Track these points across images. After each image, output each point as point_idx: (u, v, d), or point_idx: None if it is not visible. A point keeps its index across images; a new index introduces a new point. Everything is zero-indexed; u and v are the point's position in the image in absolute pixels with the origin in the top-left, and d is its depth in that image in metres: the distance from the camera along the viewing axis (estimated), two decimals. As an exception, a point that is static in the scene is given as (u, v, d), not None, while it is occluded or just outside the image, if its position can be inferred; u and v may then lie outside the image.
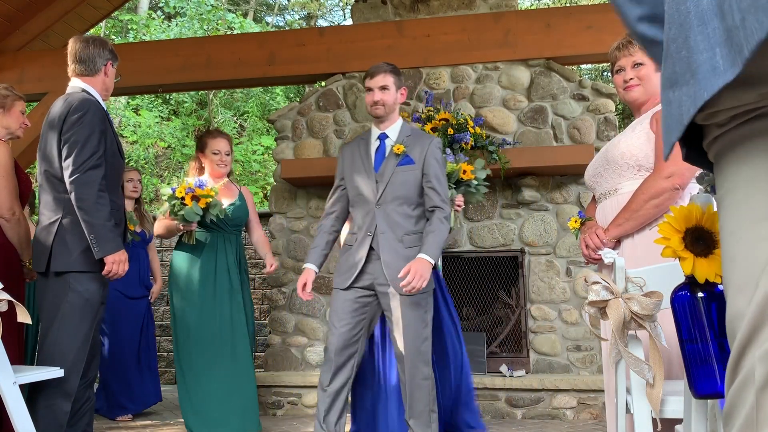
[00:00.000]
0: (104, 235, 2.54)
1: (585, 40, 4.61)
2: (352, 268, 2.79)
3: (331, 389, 2.77)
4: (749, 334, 0.61)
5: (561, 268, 4.52)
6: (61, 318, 2.53)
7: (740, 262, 0.65)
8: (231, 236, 3.70)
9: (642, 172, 2.18)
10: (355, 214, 2.87)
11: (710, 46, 0.60)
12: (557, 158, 4.28)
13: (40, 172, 2.67)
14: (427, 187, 2.77)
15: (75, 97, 2.64)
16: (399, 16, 5.01)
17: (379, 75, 2.81)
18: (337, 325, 2.78)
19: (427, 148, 2.80)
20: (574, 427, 3.95)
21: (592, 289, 1.49)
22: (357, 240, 2.81)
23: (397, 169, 2.79)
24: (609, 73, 13.42)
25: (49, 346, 2.52)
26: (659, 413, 1.48)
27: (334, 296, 2.86)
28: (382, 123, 2.87)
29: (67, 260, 2.55)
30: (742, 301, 0.63)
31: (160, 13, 13.00)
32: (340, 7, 15.57)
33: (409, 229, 2.77)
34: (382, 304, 2.79)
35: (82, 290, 2.56)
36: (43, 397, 2.47)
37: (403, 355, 2.73)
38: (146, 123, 10.79)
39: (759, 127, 0.65)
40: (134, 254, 4.37)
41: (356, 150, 2.90)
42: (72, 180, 2.52)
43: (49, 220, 2.59)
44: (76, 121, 2.55)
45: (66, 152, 2.55)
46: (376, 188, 2.78)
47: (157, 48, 5.54)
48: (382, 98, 2.79)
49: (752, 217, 0.64)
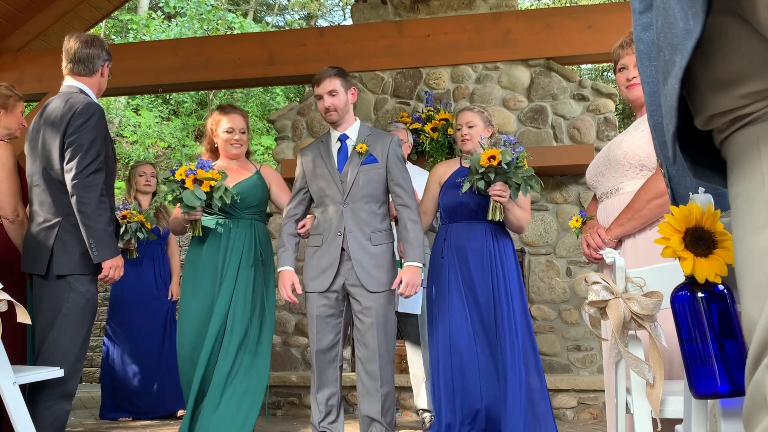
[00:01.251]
0: (104, 240, 2.54)
1: (585, 40, 4.61)
2: (327, 270, 2.76)
3: (321, 397, 2.77)
4: (761, 347, 0.62)
5: (561, 268, 4.52)
6: (62, 319, 2.53)
7: (748, 271, 0.65)
8: (245, 222, 3.10)
9: (644, 171, 2.18)
10: (320, 214, 2.85)
11: (683, 13, 0.60)
12: (557, 158, 4.28)
13: (35, 172, 2.64)
14: (393, 185, 2.82)
15: (78, 98, 2.62)
16: (399, 16, 5.01)
17: (324, 81, 2.83)
18: (318, 332, 2.77)
19: (389, 146, 2.84)
20: (574, 427, 3.95)
21: (592, 289, 1.49)
22: (325, 240, 2.79)
23: (361, 168, 2.81)
24: (609, 73, 13.38)
25: (50, 347, 2.52)
26: (659, 413, 1.48)
27: (310, 301, 2.81)
28: (339, 126, 2.89)
29: (69, 263, 2.55)
30: (753, 309, 0.64)
31: (160, 13, 13.00)
32: (340, 7, 15.57)
33: (376, 227, 2.79)
34: (353, 304, 2.79)
35: (83, 291, 2.57)
36: (44, 398, 2.47)
37: (377, 355, 2.72)
38: (146, 123, 10.80)
39: (750, 132, 0.65)
40: (149, 252, 4.31)
41: (316, 152, 2.90)
42: (74, 183, 2.51)
43: (48, 222, 2.58)
44: (81, 124, 2.55)
45: (69, 155, 2.54)
46: (342, 188, 2.79)
47: (157, 48, 5.54)
48: (332, 103, 2.82)
49: (753, 225, 0.64)
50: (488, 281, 2.97)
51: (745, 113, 0.64)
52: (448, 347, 2.95)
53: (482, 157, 2.83)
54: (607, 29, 4.49)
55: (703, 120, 0.69)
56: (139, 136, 10.69)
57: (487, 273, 2.98)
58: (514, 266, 3.06)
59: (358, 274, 2.72)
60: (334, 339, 2.78)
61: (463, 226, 3.06)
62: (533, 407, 2.90)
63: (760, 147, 0.64)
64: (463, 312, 2.97)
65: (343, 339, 2.85)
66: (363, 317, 2.74)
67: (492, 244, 3.01)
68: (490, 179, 2.85)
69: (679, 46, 0.61)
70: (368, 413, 2.75)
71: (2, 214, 2.78)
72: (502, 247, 3.04)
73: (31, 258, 2.60)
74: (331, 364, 2.78)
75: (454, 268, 3.02)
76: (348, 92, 2.87)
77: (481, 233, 3.03)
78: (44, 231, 2.58)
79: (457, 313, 2.97)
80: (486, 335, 2.94)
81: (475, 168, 2.85)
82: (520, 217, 3.02)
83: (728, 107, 0.65)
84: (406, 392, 4.07)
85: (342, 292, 2.78)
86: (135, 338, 4.22)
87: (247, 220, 3.11)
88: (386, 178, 2.83)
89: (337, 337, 2.79)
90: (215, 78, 5.19)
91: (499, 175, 2.85)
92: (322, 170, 2.85)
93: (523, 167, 2.90)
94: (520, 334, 2.93)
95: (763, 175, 0.63)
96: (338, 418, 2.81)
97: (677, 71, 0.62)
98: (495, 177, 2.84)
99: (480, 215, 3.02)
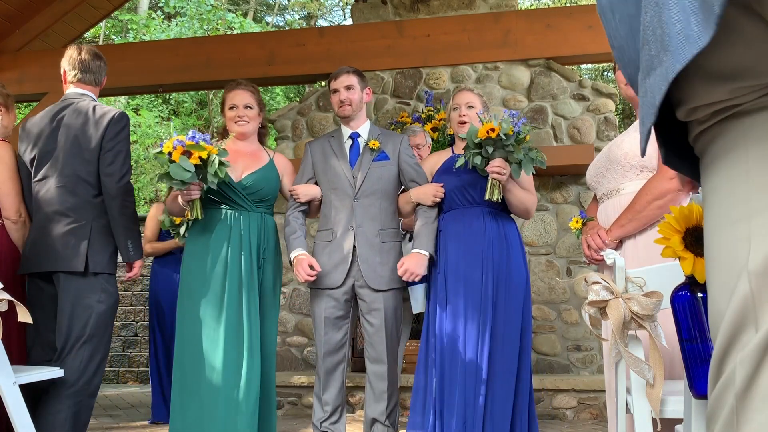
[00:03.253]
0: (139, 242, 2.75)
1: (585, 40, 4.61)
2: (340, 265, 2.73)
3: (327, 398, 2.77)
4: (730, 336, 0.61)
5: (561, 268, 4.52)
6: (96, 318, 2.61)
7: (720, 262, 0.64)
8: (253, 215, 2.78)
9: (645, 172, 2.17)
10: (328, 210, 2.83)
11: (685, 16, 0.58)
12: (557, 158, 4.28)
13: (54, 174, 2.67)
14: (409, 181, 2.82)
15: (108, 108, 2.75)
16: (399, 16, 5.01)
17: (342, 75, 2.87)
18: (325, 333, 2.75)
19: (399, 145, 2.85)
20: (574, 427, 3.95)
21: (592, 289, 1.49)
22: (336, 235, 2.77)
23: (373, 164, 2.81)
24: (609, 73, 13.32)
25: (82, 347, 2.58)
26: (659, 413, 1.48)
27: (318, 301, 2.76)
28: (351, 122, 2.89)
29: (102, 261, 2.66)
30: (722, 302, 0.63)
31: (160, 13, 12.99)
32: (340, 7, 15.57)
33: (386, 224, 2.79)
34: (360, 305, 2.78)
35: (112, 291, 2.69)
36: (72, 397, 2.53)
37: (384, 356, 2.72)
38: (146, 123, 10.79)
39: (735, 124, 0.64)
40: None
41: (327, 146, 2.89)
42: (119, 187, 2.66)
43: (79, 222, 2.65)
44: (120, 131, 2.70)
45: (110, 159, 2.66)
46: (353, 183, 2.79)
47: (157, 48, 5.54)
48: (348, 97, 2.83)
49: (731, 218, 0.63)
50: (489, 269, 2.64)
51: (732, 105, 0.63)
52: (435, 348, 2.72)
53: (480, 129, 2.55)
54: (607, 29, 4.49)
55: (686, 111, 0.68)
56: (139, 136, 10.69)
57: (489, 261, 2.64)
58: (521, 252, 2.75)
59: (363, 271, 2.72)
60: (342, 340, 2.78)
61: (458, 212, 2.74)
62: (520, 409, 2.67)
63: (747, 139, 0.63)
64: (456, 312, 2.69)
65: (350, 340, 2.86)
66: (371, 318, 2.74)
67: (492, 227, 2.68)
68: (489, 153, 2.54)
69: (671, 48, 0.59)
70: (373, 414, 2.77)
71: (5, 215, 2.78)
72: (504, 230, 2.70)
73: (62, 256, 2.61)
74: (338, 365, 2.77)
75: (451, 261, 2.70)
76: (363, 91, 2.89)
77: (479, 217, 2.69)
78: (77, 230, 2.64)
79: (449, 313, 2.71)
80: (481, 329, 2.63)
81: (471, 141, 2.56)
82: (523, 199, 2.69)
83: (717, 99, 0.64)
84: (407, 392, 4.07)
85: (351, 292, 2.77)
86: (165, 338, 4.19)
87: (257, 213, 2.80)
88: (397, 176, 2.84)
89: (345, 338, 2.79)
90: (215, 78, 5.19)
91: (498, 150, 2.55)
92: (334, 164, 2.84)
93: (525, 141, 2.59)
94: (518, 329, 2.66)
95: (748, 167, 0.62)
96: (341, 418, 2.81)
97: (666, 73, 0.60)
98: (493, 152, 2.55)
99: (477, 198, 2.70)
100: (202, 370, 2.62)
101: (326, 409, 2.76)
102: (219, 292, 2.66)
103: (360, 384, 4.26)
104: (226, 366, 2.61)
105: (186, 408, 2.61)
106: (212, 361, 2.62)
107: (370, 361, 2.77)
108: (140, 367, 6.62)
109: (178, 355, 2.71)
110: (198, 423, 2.59)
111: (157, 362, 4.21)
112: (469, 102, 2.80)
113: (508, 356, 2.61)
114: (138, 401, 5.21)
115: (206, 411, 2.58)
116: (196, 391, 2.61)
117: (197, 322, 2.66)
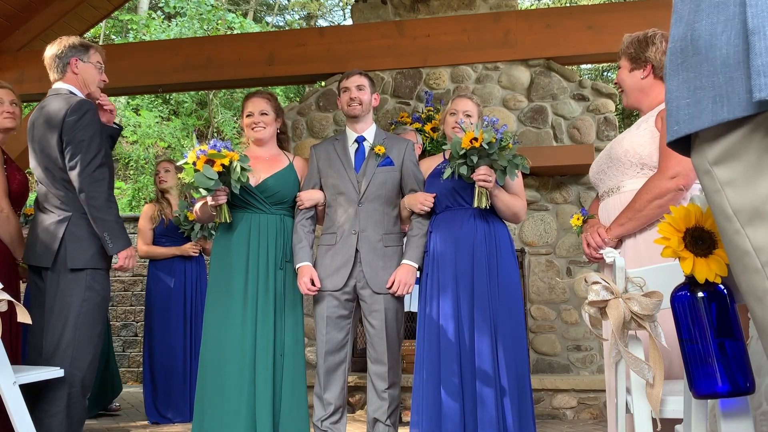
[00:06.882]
0: (118, 232, 2.59)
1: (585, 40, 4.61)
2: (341, 268, 2.76)
3: (328, 397, 2.77)
4: None
5: (561, 268, 4.52)
6: (79, 317, 2.54)
7: None
8: (272, 217, 2.86)
9: (645, 170, 2.17)
10: (333, 213, 2.84)
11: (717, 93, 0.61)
12: (557, 158, 4.29)
13: (38, 172, 2.66)
14: (408, 190, 2.85)
15: (71, 98, 2.64)
16: (399, 16, 5.01)
17: (354, 76, 2.89)
18: (327, 333, 2.76)
19: (404, 151, 2.86)
20: (574, 427, 3.95)
21: (592, 289, 1.49)
22: (339, 238, 2.79)
23: (378, 170, 2.82)
24: (609, 72, 13.33)
25: (68, 346, 2.53)
26: (659, 413, 1.48)
27: (321, 301, 2.79)
28: (358, 124, 2.89)
29: (84, 257, 2.57)
30: None
31: (160, 13, 13.00)
32: (340, 7, 15.57)
33: (389, 229, 2.81)
34: (362, 306, 2.79)
35: (99, 288, 2.60)
36: (64, 396, 2.50)
37: (386, 357, 2.73)
38: (146, 123, 10.79)
39: None
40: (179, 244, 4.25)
41: (332, 150, 2.90)
42: (82, 179, 2.54)
43: (58, 217, 2.60)
44: (76, 121, 2.56)
45: (71, 152, 2.56)
46: (358, 187, 2.80)
47: (157, 48, 5.54)
48: (358, 95, 2.83)
49: None
50: (479, 269, 2.67)
51: None
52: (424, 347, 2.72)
53: (463, 139, 2.59)
54: (607, 29, 4.49)
55: None
56: (139, 136, 10.69)
57: (480, 261, 2.67)
58: (511, 253, 2.78)
59: (366, 274, 2.74)
60: (343, 340, 2.78)
61: (449, 214, 2.77)
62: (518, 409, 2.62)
63: None
64: (447, 312, 2.69)
65: (351, 342, 2.86)
66: (373, 320, 2.75)
67: (482, 229, 2.71)
68: (473, 163, 2.59)
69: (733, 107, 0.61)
70: (375, 414, 2.78)
71: None
72: (494, 232, 2.73)
73: (37, 251, 2.60)
74: (340, 365, 2.78)
75: (442, 261, 2.73)
76: (372, 94, 2.91)
77: (469, 219, 2.72)
78: (53, 225, 2.59)
79: (441, 313, 2.71)
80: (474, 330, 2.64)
81: (456, 152, 2.62)
82: (511, 204, 2.72)
83: None
84: (407, 392, 4.07)
85: (353, 293, 2.78)
86: (163, 338, 4.19)
87: (276, 216, 2.87)
88: (400, 181, 2.86)
89: (346, 338, 2.80)
90: (215, 78, 5.19)
91: (482, 158, 2.60)
92: (339, 168, 2.85)
93: (508, 148, 2.63)
94: (510, 328, 2.65)
95: None
96: (341, 418, 2.82)
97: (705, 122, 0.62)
98: (478, 161, 2.59)
99: (467, 200, 2.73)
100: (222, 370, 2.72)
101: (328, 408, 2.77)
102: (239, 294, 2.76)
103: (360, 384, 4.27)
104: (245, 366, 2.69)
105: (208, 406, 2.72)
106: (232, 361, 2.71)
107: (372, 361, 2.78)
108: (140, 367, 6.61)
109: (202, 354, 2.81)
110: (218, 420, 2.69)
111: (151, 364, 4.19)
112: (467, 111, 2.82)
113: (500, 355, 2.61)
114: (138, 401, 5.21)
115: (228, 408, 2.68)
116: (219, 391, 2.71)
117: (220, 324, 2.76)
